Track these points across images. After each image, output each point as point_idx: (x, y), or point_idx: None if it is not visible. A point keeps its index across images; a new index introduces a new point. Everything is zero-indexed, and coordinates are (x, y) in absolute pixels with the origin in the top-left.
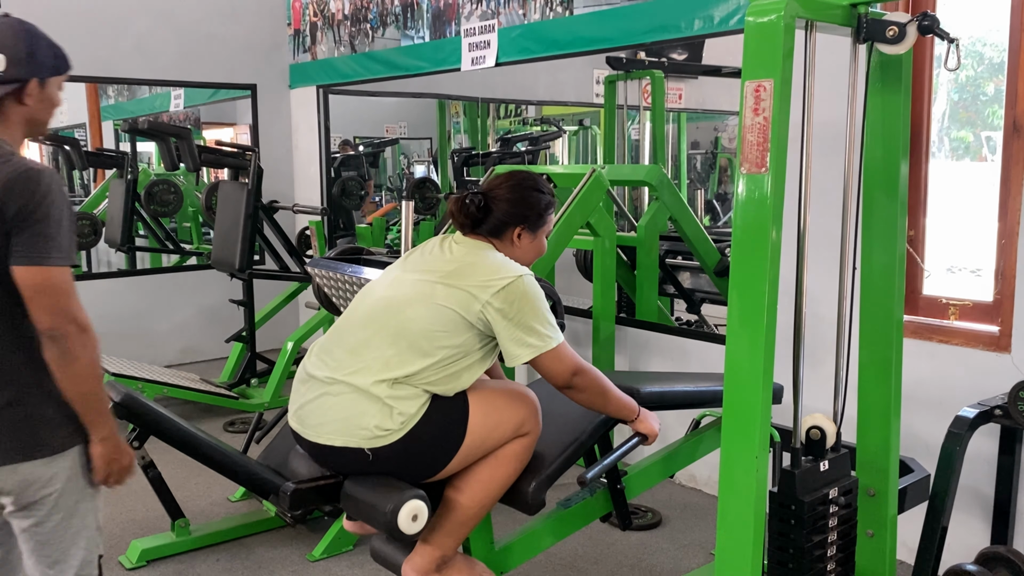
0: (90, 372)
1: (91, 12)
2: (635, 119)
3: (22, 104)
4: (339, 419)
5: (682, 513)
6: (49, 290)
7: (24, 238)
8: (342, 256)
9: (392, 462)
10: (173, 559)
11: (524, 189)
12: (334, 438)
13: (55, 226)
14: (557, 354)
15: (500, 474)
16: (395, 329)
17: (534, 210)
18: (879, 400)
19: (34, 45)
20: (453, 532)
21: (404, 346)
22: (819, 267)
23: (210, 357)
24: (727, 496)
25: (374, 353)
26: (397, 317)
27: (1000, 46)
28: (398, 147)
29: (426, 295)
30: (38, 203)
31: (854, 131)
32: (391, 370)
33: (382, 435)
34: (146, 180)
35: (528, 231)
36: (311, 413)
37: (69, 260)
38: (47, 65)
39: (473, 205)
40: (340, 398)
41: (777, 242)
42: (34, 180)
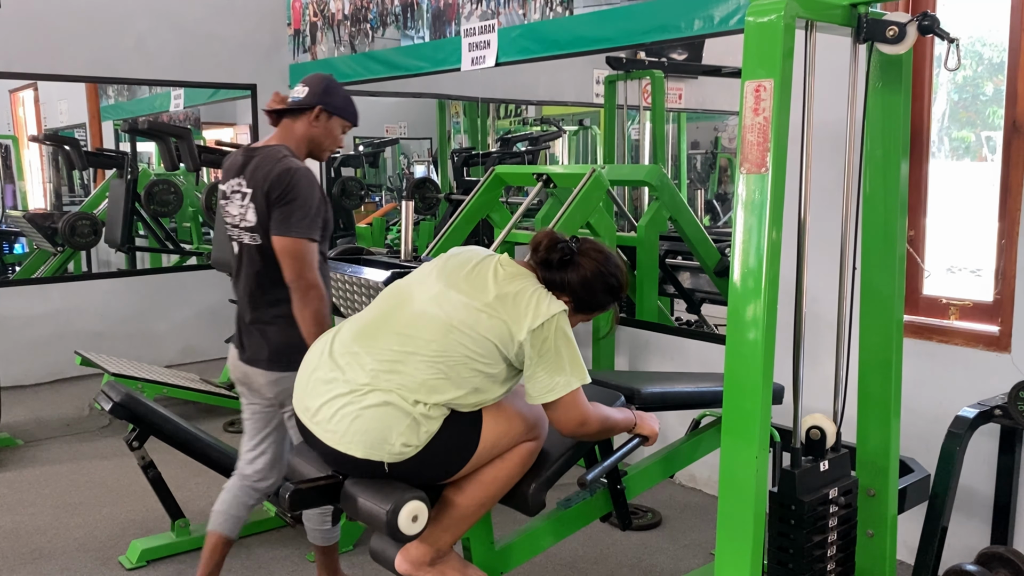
0: (314, 319)
1: (91, 12)
2: (635, 119)
3: (309, 125)
4: (364, 431)
5: (682, 513)
6: (290, 254)
7: (278, 215)
8: (342, 256)
9: (406, 472)
10: (173, 559)
11: (605, 282)
12: (354, 449)
13: (300, 209)
14: (573, 400)
15: (503, 475)
16: (437, 351)
17: (593, 303)
18: (879, 400)
19: (332, 90)
20: (450, 528)
21: (443, 369)
22: (819, 267)
23: (210, 357)
24: (727, 496)
25: (411, 371)
26: (442, 340)
27: (1000, 46)
28: (398, 147)
29: (471, 323)
30: (287, 190)
31: (854, 131)
32: (429, 394)
33: (406, 451)
34: (146, 180)
35: (575, 310)
36: (331, 417)
37: (307, 234)
38: (336, 105)
39: (560, 254)
40: (368, 411)
41: (777, 242)
42: (289, 174)
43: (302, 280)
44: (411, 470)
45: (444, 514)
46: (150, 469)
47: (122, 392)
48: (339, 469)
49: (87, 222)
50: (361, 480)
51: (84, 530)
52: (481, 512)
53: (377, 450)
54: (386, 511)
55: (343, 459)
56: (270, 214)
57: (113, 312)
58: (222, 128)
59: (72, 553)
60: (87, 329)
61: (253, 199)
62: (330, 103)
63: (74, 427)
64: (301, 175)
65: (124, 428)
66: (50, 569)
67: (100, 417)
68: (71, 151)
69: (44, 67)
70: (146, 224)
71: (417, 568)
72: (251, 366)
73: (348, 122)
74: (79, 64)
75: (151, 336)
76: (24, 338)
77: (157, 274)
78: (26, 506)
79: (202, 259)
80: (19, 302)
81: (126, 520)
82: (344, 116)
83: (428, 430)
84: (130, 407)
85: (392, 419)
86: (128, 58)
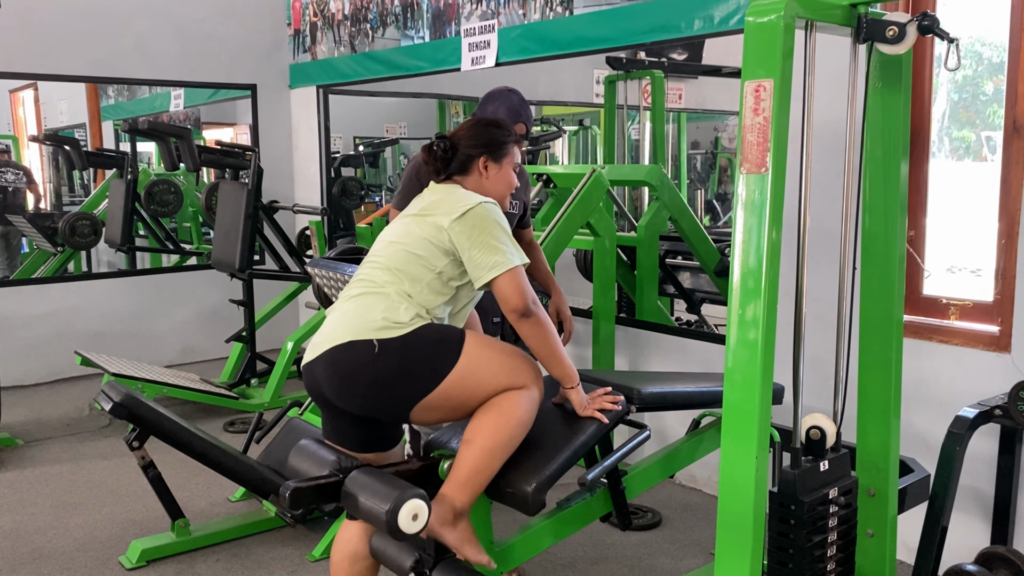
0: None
1: (91, 12)
2: (635, 119)
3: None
4: (349, 319)
5: (682, 513)
6: None
7: None
8: (342, 256)
9: (393, 359)
10: (173, 559)
11: (482, 125)
12: (343, 335)
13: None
14: (515, 276)
15: (505, 423)
16: (389, 260)
17: (494, 139)
18: (879, 400)
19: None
20: (466, 484)
21: (400, 269)
22: (819, 267)
23: (210, 357)
24: (727, 496)
25: (379, 275)
26: (388, 251)
27: (1000, 46)
28: (398, 147)
29: (407, 231)
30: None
31: (854, 131)
32: (397, 283)
33: (390, 327)
34: (146, 180)
35: (492, 161)
36: (323, 330)
37: (395, 204)
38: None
39: (440, 148)
40: (351, 303)
41: (777, 242)
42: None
43: None
44: (398, 358)
45: (458, 469)
46: (150, 469)
47: (122, 392)
48: (334, 380)
49: (87, 222)
50: (361, 478)
51: (84, 530)
52: (492, 465)
53: (363, 329)
54: (386, 510)
55: (335, 356)
56: None
57: (113, 312)
58: (222, 128)
59: (72, 553)
60: (87, 329)
61: None
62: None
63: (74, 427)
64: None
65: (124, 428)
66: (50, 569)
67: (100, 417)
68: (71, 151)
69: (44, 67)
70: (146, 224)
71: (442, 526)
72: None
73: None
74: (79, 64)
75: (151, 336)
76: (24, 338)
77: (157, 274)
78: (26, 506)
79: (202, 259)
80: (19, 302)
81: (126, 520)
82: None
83: (407, 309)
84: (130, 407)
85: (372, 302)
86: (128, 58)
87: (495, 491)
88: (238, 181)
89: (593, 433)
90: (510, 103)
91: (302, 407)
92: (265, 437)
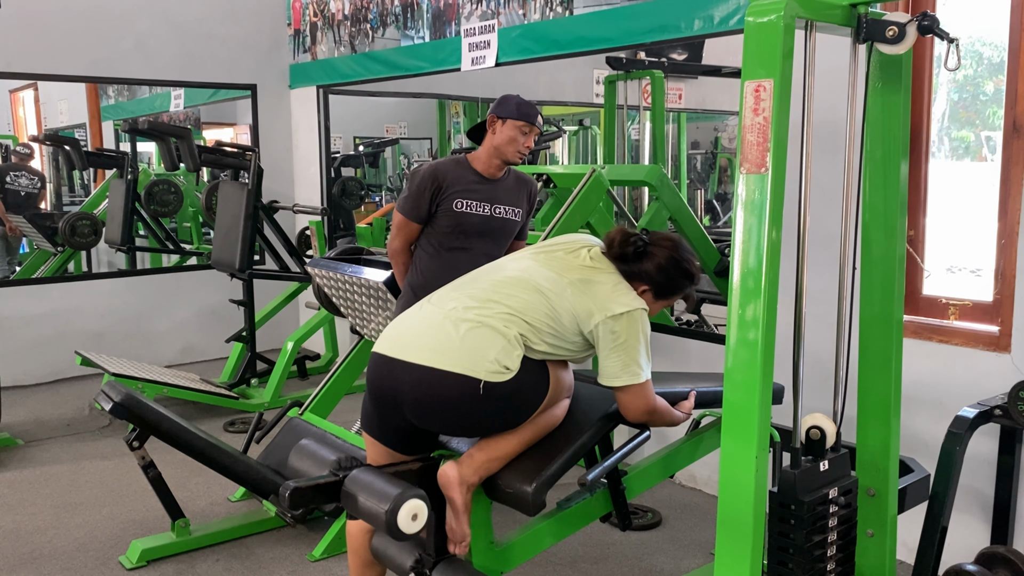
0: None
1: (91, 12)
2: (635, 119)
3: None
4: (461, 347)
5: (682, 513)
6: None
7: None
8: (342, 256)
9: (494, 404)
10: (173, 559)
11: (679, 266)
12: (451, 363)
13: (405, 189)
14: (643, 391)
15: (553, 423)
16: (524, 305)
17: (672, 287)
18: (879, 400)
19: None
20: (484, 465)
21: (529, 318)
22: (819, 267)
23: (210, 357)
24: (727, 496)
25: (501, 311)
26: (529, 297)
27: (1000, 46)
28: (398, 147)
29: (557, 292)
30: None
31: (854, 131)
32: (519, 326)
33: (501, 372)
34: (146, 180)
35: (652, 296)
36: (422, 336)
37: (401, 210)
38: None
39: (633, 247)
40: (469, 330)
41: (777, 242)
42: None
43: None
44: (501, 401)
45: (490, 445)
46: (150, 469)
47: (122, 392)
48: (416, 393)
49: (87, 222)
50: (361, 478)
51: (84, 530)
52: (519, 451)
53: (477, 367)
54: (386, 510)
55: (432, 377)
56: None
57: (113, 312)
58: (222, 128)
59: (72, 553)
60: (87, 329)
61: None
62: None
63: (74, 427)
64: (418, 170)
65: (124, 428)
66: (50, 569)
67: (100, 417)
68: (71, 151)
69: (44, 67)
70: (146, 224)
71: (460, 484)
72: None
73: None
74: (79, 64)
75: (151, 336)
76: (24, 338)
77: (157, 274)
78: (26, 506)
79: (202, 259)
80: (19, 302)
81: (126, 520)
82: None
83: (518, 355)
84: (130, 407)
85: (489, 338)
86: (128, 58)
87: (495, 491)
88: (238, 181)
89: (593, 433)
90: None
91: (302, 407)
92: (265, 437)
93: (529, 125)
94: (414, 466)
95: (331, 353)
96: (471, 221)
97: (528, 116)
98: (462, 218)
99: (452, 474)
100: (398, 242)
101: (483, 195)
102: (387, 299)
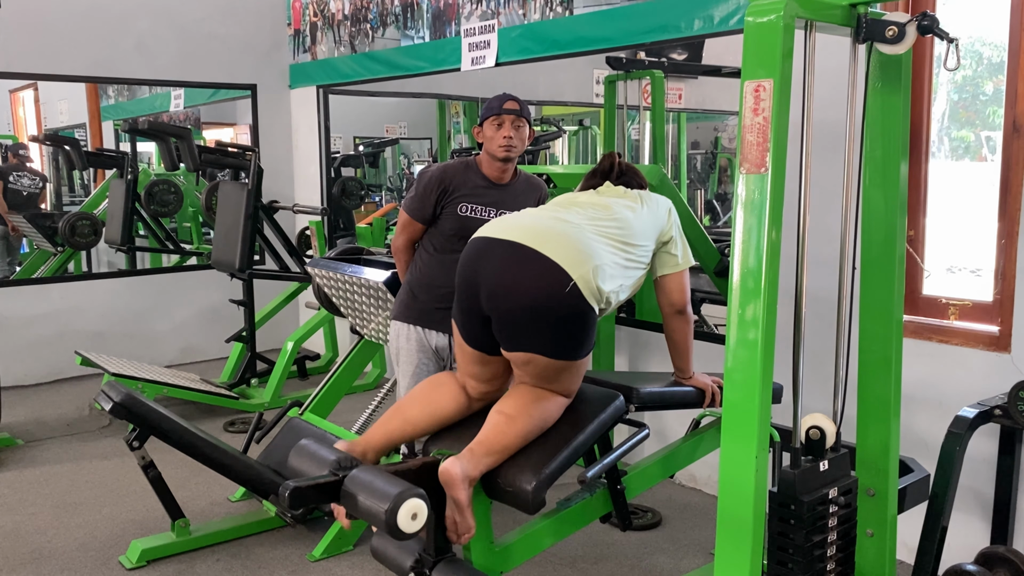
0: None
1: (91, 12)
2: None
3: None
4: (568, 244)
5: (682, 513)
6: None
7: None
8: (342, 256)
9: (566, 312)
10: (173, 559)
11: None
12: (555, 252)
13: (412, 189)
14: (687, 275)
15: (551, 416)
16: (615, 227)
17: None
18: (879, 400)
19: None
20: (492, 454)
21: (619, 236)
22: (819, 267)
23: (210, 357)
24: (727, 496)
25: (599, 240)
26: (609, 229)
27: (1000, 46)
28: (398, 147)
29: (632, 205)
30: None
31: (854, 131)
32: (608, 257)
33: (592, 290)
34: (146, 180)
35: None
36: (533, 225)
37: (407, 209)
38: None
39: (619, 166)
40: (584, 235)
41: (777, 242)
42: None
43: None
44: (572, 318)
45: (490, 439)
46: (150, 469)
47: (122, 392)
48: (511, 272)
49: (87, 222)
50: (361, 478)
51: (84, 530)
52: (519, 445)
53: (579, 268)
54: (385, 509)
55: (527, 258)
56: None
57: (113, 312)
58: (222, 128)
59: (72, 553)
60: (87, 329)
61: None
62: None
63: (74, 427)
64: (426, 170)
65: (124, 428)
66: (50, 569)
67: (100, 417)
68: (71, 151)
69: (44, 67)
70: (146, 224)
71: (463, 480)
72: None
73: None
74: (79, 64)
75: (151, 336)
76: (24, 338)
77: (157, 274)
78: (26, 506)
79: (202, 259)
80: (19, 302)
81: (126, 520)
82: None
83: (601, 298)
84: (130, 407)
85: (592, 251)
86: (128, 58)
87: (495, 491)
88: (238, 181)
89: (592, 431)
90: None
91: (302, 407)
92: (265, 437)
93: (497, 116)
94: (414, 466)
95: (331, 353)
96: (474, 225)
97: (492, 108)
98: (466, 222)
99: (454, 471)
100: (401, 240)
101: (489, 199)
102: (387, 299)
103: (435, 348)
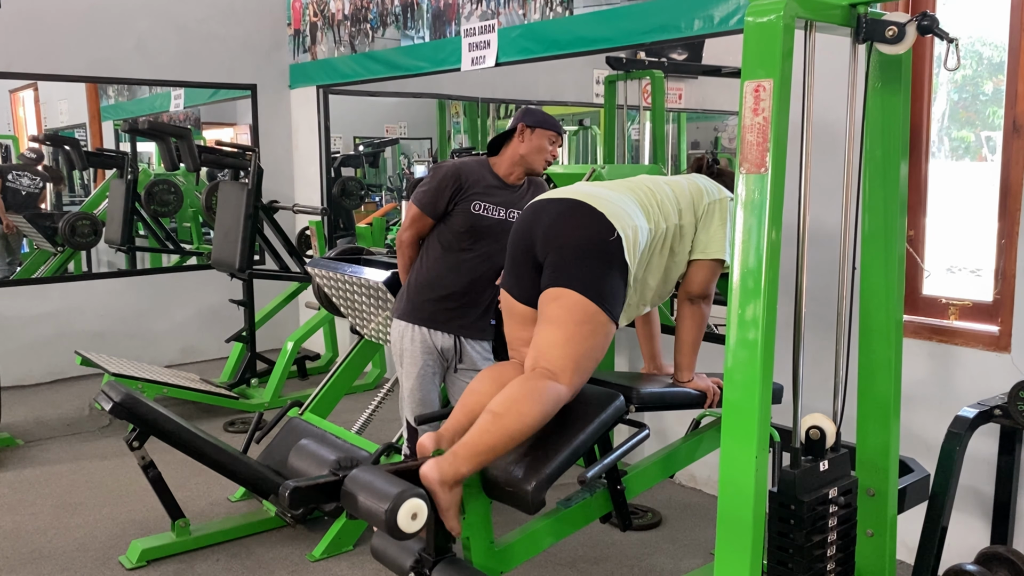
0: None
1: (91, 12)
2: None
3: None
4: (617, 203)
5: (682, 513)
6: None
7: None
8: (342, 256)
9: (606, 257)
10: (173, 559)
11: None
12: (602, 205)
13: (424, 183)
14: (717, 271)
15: (539, 411)
16: (657, 192)
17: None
18: (879, 400)
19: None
20: (477, 455)
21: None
22: (819, 267)
23: (210, 357)
24: (727, 496)
25: (642, 215)
26: (653, 186)
27: (1000, 46)
28: (398, 147)
29: (678, 180)
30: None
31: (854, 131)
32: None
33: (630, 243)
34: (146, 180)
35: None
36: (585, 190)
37: (418, 203)
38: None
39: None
40: (630, 199)
41: (777, 242)
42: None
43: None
44: (607, 261)
45: (478, 439)
46: (150, 469)
47: (122, 392)
48: (563, 218)
49: (87, 222)
50: (361, 478)
51: (84, 530)
52: (507, 447)
53: (621, 220)
54: (385, 509)
55: (577, 209)
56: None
57: (113, 312)
58: (222, 128)
59: (72, 553)
60: (87, 329)
61: None
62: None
63: (74, 427)
64: (437, 167)
65: (124, 428)
66: (50, 569)
67: (100, 417)
68: (71, 151)
69: (44, 67)
70: (146, 224)
71: (442, 484)
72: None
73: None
74: (79, 64)
75: (151, 336)
76: (24, 338)
77: (157, 274)
78: (26, 506)
79: (202, 259)
80: (19, 302)
81: (126, 520)
82: (544, 127)
83: (636, 244)
84: (130, 407)
85: (636, 215)
86: (128, 58)
87: (495, 491)
88: (238, 181)
89: (592, 432)
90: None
91: (302, 407)
92: (265, 437)
93: (557, 135)
94: (414, 466)
95: (331, 353)
96: (485, 224)
97: (557, 127)
98: (477, 220)
99: (431, 474)
100: (408, 234)
101: (500, 199)
102: (387, 299)
103: (440, 349)
